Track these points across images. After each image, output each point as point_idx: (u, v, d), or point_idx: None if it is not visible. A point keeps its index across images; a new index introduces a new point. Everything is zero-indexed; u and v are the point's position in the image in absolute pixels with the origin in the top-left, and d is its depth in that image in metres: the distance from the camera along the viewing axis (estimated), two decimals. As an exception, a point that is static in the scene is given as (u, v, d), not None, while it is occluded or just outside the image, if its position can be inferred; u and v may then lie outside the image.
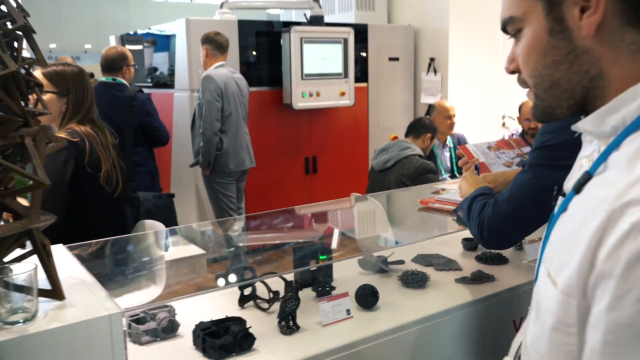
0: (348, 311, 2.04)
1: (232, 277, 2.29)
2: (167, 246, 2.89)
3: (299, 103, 5.88)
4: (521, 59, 1.01)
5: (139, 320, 1.95)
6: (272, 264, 2.51)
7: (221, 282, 2.23)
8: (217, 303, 2.24)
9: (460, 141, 5.52)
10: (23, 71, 1.49)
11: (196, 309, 2.12)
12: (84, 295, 1.50)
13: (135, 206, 3.52)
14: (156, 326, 1.91)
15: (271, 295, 2.12)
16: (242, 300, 2.16)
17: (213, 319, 1.92)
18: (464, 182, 2.27)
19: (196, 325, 1.88)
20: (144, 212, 3.58)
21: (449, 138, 5.48)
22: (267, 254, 2.43)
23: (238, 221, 4.49)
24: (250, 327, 1.86)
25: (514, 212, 1.86)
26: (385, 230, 3.09)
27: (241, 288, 2.18)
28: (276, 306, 2.13)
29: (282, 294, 2.21)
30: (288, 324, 1.94)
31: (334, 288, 2.24)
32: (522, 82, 1.06)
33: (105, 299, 1.47)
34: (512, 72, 1.06)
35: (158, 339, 1.92)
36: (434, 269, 2.51)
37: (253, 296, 2.17)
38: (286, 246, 2.82)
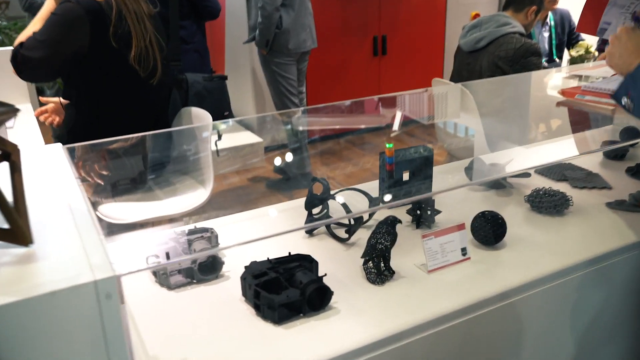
0: (464, 251, 1.42)
1: (298, 192, 1.67)
2: (212, 143, 2.30)
3: (369, -27, 4.98)
4: None
5: (167, 254, 1.38)
6: (350, 176, 1.87)
7: (283, 202, 1.61)
8: (276, 227, 1.66)
9: (564, 18, 4.58)
10: None
11: (246, 238, 1.55)
12: (66, 237, 0.91)
13: (183, 89, 2.92)
14: (190, 264, 1.34)
15: (352, 221, 1.51)
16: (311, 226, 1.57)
17: (269, 256, 1.33)
18: (619, 45, 1.39)
19: (246, 267, 1.30)
20: (193, 96, 2.99)
21: (550, 15, 4.54)
22: (345, 163, 1.78)
23: (304, 114, 3.85)
24: (324, 275, 1.26)
25: None
26: (492, 128, 2.40)
27: (308, 208, 1.57)
28: (359, 236, 1.52)
29: (366, 218, 1.60)
30: (379, 269, 1.34)
31: (438, 212, 1.61)
32: None
33: (96, 248, 0.88)
34: None
35: (193, 281, 1.36)
36: (570, 186, 1.84)
37: (325, 219, 1.57)
38: (368, 151, 2.16)
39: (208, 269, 1.38)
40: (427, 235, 1.38)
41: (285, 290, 1.21)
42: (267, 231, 1.60)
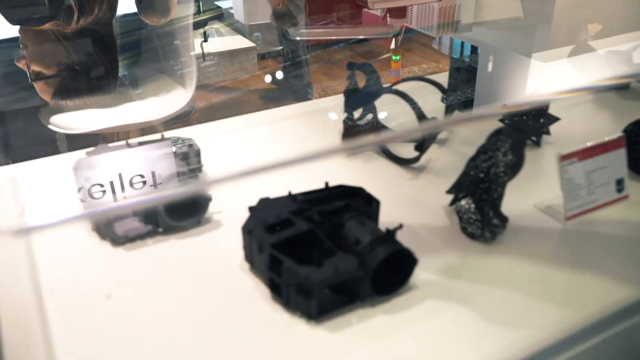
0: (620, 185, 0.84)
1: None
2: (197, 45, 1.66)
3: None
4: None
5: (119, 183, 0.79)
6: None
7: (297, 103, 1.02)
8: (297, 137, 1.06)
9: None
10: None
11: (245, 157, 0.96)
12: None
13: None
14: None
15: (425, 134, 0.91)
16: (349, 137, 0.97)
17: (288, 189, 0.74)
18: None
19: (252, 209, 0.71)
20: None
21: None
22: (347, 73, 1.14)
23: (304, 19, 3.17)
24: (398, 227, 0.68)
25: None
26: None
27: (348, 112, 0.97)
28: (431, 155, 0.94)
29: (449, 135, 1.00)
30: (483, 213, 0.75)
31: (555, 120, 1.01)
32: None
33: None
34: None
35: (157, 230, 0.78)
36: None
37: (375, 126, 0.97)
38: (376, 62, 1.57)
39: (182, 209, 0.79)
40: (567, 156, 0.79)
41: (331, 257, 0.63)
42: (276, 147, 1.01)
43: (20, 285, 0.69)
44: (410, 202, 0.84)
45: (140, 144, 0.86)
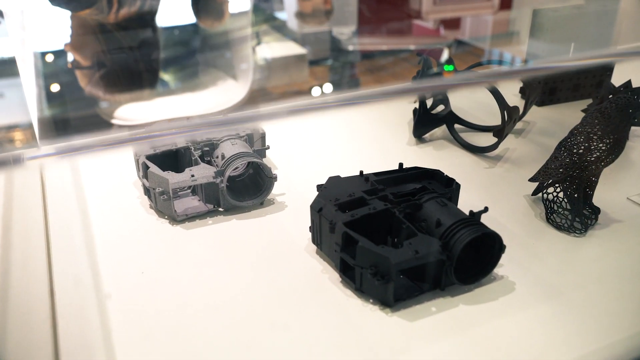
0: None
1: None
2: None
3: None
4: None
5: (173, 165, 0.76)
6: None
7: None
8: (365, 125, 1.01)
9: None
10: None
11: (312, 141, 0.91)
12: None
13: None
14: (213, 178, 0.71)
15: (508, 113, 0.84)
16: (424, 123, 0.91)
17: (361, 167, 0.69)
18: None
19: (320, 188, 0.66)
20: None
21: None
22: (398, 81, 1.08)
23: (355, 29, 3.27)
24: (483, 210, 0.61)
25: None
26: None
27: (421, 99, 0.92)
28: (507, 147, 0.88)
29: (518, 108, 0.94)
30: (572, 203, 0.68)
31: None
32: None
33: None
34: None
35: (218, 209, 0.74)
36: None
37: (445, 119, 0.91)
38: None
39: (245, 187, 0.75)
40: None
41: (411, 239, 0.57)
42: (344, 135, 0.97)
43: (77, 261, 0.65)
44: (489, 191, 0.78)
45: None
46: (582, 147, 0.66)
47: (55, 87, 1.56)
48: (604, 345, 0.54)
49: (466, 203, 0.69)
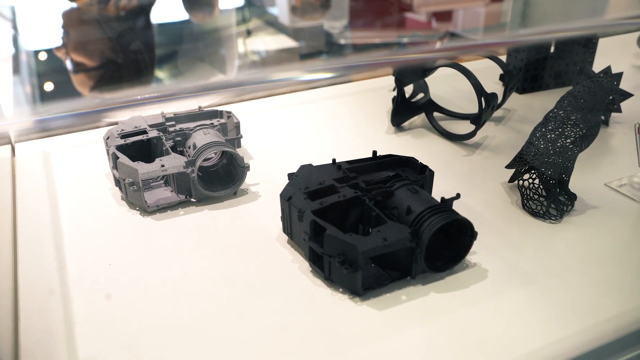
0: None
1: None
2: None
3: None
4: None
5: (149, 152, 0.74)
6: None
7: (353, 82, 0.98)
8: (343, 115, 0.99)
9: None
10: None
11: (283, 128, 0.90)
12: None
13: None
14: (184, 169, 0.70)
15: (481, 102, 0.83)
16: (401, 113, 0.90)
17: (331, 159, 0.68)
18: None
19: (291, 177, 0.65)
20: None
21: None
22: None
23: (346, 22, 3.18)
24: (455, 197, 0.60)
25: None
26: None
27: (401, 82, 0.90)
28: (486, 134, 0.87)
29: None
30: (550, 191, 0.67)
31: (629, 95, 0.92)
32: None
33: None
34: None
35: (190, 199, 0.72)
36: None
37: (426, 103, 0.90)
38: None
39: (219, 177, 0.74)
40: (647, 127, 0.70)
41: (380, 227, 0.56)
42: (320, 124, 0.95)
43: (44, 254, 0.64)
44: (467, 179, 0.77)
45: (176, 114, 0.81)
46: (556, 133, 0.65)
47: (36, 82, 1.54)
48: (578, 330, 0.53)
49: (443, 191, 0.68)
